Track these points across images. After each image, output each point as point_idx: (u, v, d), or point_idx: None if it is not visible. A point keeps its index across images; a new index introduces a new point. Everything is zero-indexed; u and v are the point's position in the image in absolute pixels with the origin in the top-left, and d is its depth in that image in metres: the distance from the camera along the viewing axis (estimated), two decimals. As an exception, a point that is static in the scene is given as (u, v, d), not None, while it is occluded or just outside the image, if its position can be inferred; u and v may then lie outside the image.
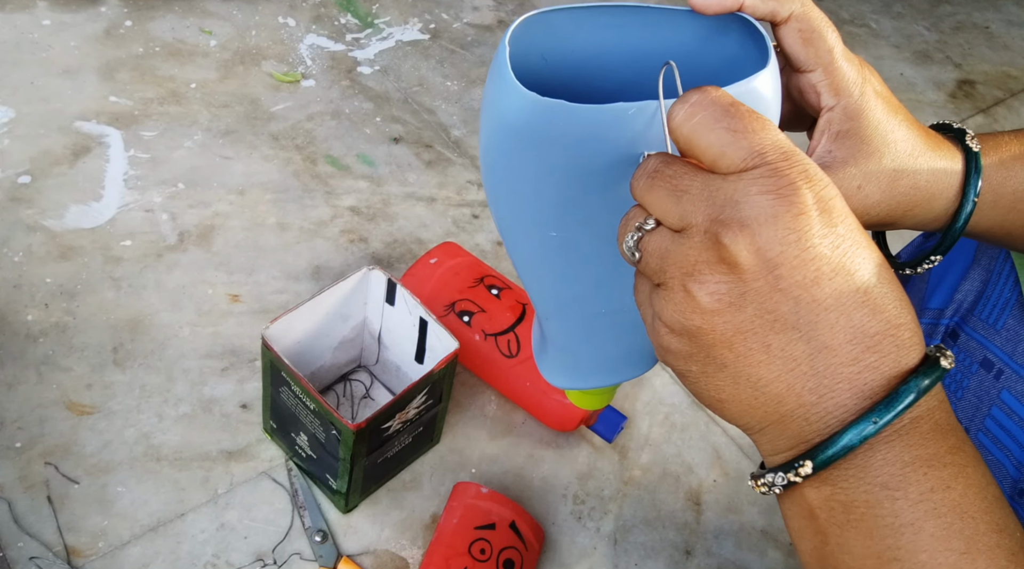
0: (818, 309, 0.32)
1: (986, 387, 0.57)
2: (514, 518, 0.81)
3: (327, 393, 0.92)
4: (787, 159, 0.32)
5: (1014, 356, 0.56)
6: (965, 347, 0.59)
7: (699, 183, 0.33)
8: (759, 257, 0.32)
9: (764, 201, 0.31)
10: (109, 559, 0.79)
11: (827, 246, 0.32)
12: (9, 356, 0.90)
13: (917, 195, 0.45)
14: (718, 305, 0.33)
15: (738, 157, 0.32)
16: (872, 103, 0.43)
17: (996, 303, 0.58)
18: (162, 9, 1.32)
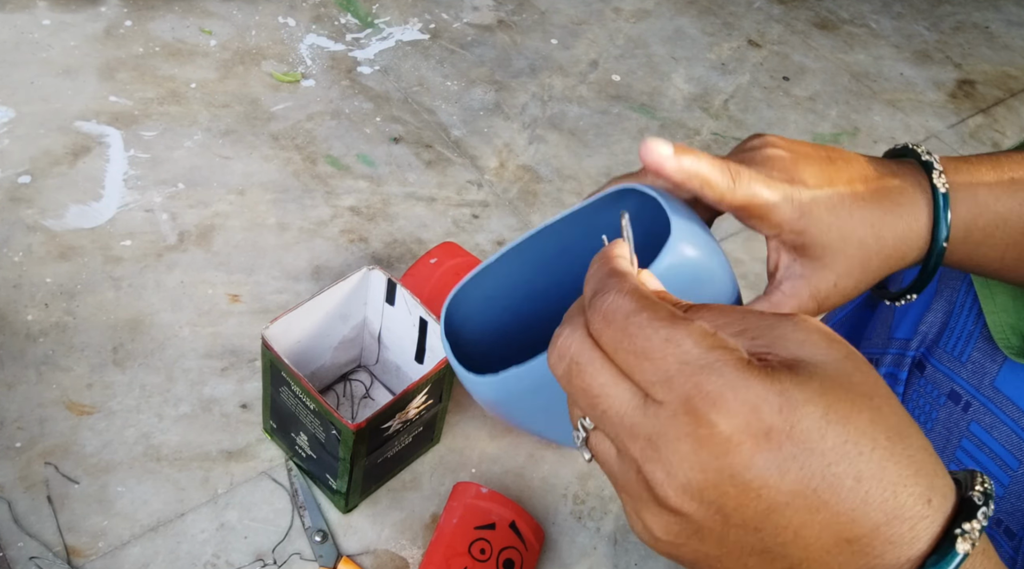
0: (784, 533, 0.29)
1: (955, 419, 0.57)
2: (514, 518, 0.81)
3: (327, 393, 0.92)
4: (698, 387, 0.28)
5: (980, 388, 0.56)
6: (932, 379, 0.59)
7: (615, 411, 0.30)
8: (699, 503, 0.29)
9: (683, 447, 0.28)
10: (109, 559, 0.79)
11: (773, 475, 0.28)
12: (9, 356, 0.90)
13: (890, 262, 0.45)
14: (677, 540, 0.31)
15: (647, 385, 0.29)
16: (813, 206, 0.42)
17: (960, 335, 0.58)
18: (162, 9, 1.32)
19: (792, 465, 0.28)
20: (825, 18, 1.62)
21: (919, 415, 0.60)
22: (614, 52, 1.45)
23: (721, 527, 0.29)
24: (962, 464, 0.57)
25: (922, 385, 0.60)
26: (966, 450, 0.56)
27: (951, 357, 0.58)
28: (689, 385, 0.28)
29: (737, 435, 0.28)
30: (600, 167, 1.25)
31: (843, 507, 0.28)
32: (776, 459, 0.28)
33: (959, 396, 0.57)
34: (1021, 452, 0.53)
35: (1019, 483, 0.53)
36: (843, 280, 0.44)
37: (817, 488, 0.28)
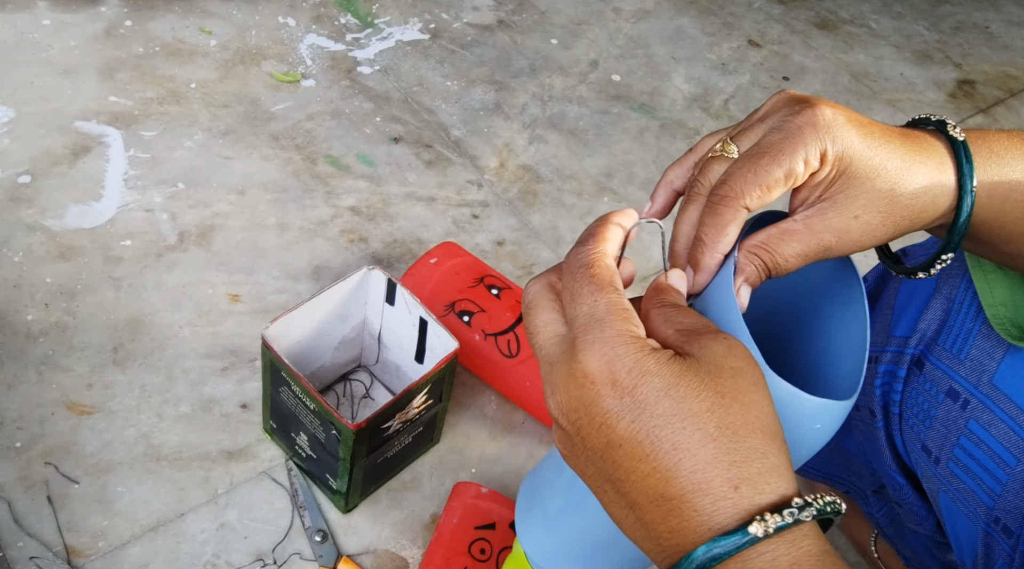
0: (619, 470, 0.36)
1: (953, 417, 0.57)
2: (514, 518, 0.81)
3: (327, 393, 0.92)
4: (585, 331, 0.37)
5: (979, 386, 0.56)
6: (931, 376, 0.59)
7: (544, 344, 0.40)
8: (567, 420, 0.38)
9: (562, 371, 0.37)
10: (109, 559, 0.79)
11: (611, 417, 0.36)
12: (9, 356, 0.90)
13: (918, 203, 0.44)
14: (565, 450, 0.40)
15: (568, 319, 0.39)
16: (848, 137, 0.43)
17: (959, 333, 0.58)
18: (162, 9, 1.32)
19: (626, 414, 0.36)
20: (825, 18, 1.62)
21: (918, 413, 0.60)
22: (614, 52, 1.45)
23: (583, 446, 0.38)
24: (961, 462, 0.57)
25: (921, 383, 0.60)
26: (964, 448, 0.56)
27: (950, 355, 0.58)
28: (582, 329, 0.37)
29: (591, 375, 0.36)
30: (600, 167, 1.25)
31: (659, 464, 0.35)
32: (615, 405, 0.36)
33: (957, 394, 0.57)
34: (1019, 450, 0.53)
35: (1017, 481, 0.53)
36: (865, 213, 0.43)
37: (642, 441, 0.35)
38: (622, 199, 1.21)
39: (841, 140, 0.42)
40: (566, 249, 1.13)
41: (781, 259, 0.44)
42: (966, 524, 0.57)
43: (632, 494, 0.36)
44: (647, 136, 1.32)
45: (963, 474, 0.57)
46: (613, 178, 1.24)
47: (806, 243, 0.44)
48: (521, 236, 1.13)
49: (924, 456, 0.60)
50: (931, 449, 0.59)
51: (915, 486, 0.66)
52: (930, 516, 0.67)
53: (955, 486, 0.57)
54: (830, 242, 0.44)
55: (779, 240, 0.44)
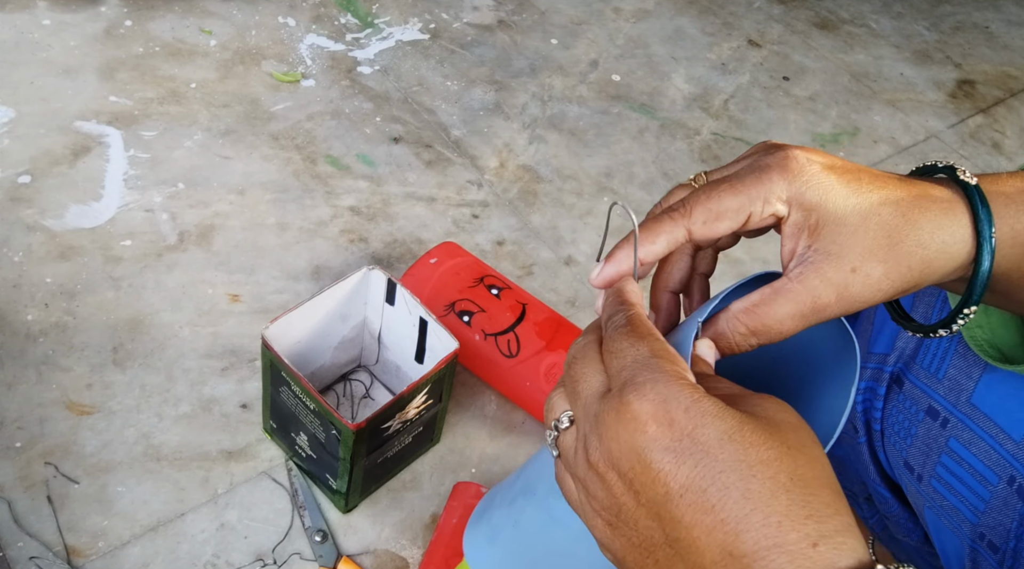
0: (679, 527, 0.33)
1: (933, 435, 0.57)
2: (514, 518, 0.81)
3: (327, 393, 0.92)
4: (633, 376, 0.35)
5: (957, 405, 0.56)
6: (911, 395, 0.59)
7: (587, 394, 0.37)
8: (617, 474, 0.34)
9: (609, 419, 0.34)
10: (109, 559, 0.79)
11: (668, 461, 0.33)
12: (9, 356, 0.90)
13: (925, 253, 0.40)
14: (609, 517, 0.35)
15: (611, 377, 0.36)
16: (824, 183, 0.40)
17: (936, 352, 0.58)
18: (162, 9, 1.32)
19: (688, 459, 0.32)
20: (825, 18, 1.62)
21: (899, 431, 0.60)
22: (614, 52, 1.45)
23: (635, 505, 0.34)
24: (943, 480, 0.57)
25: (901, 401, 0.60)
26: (946, 466, 0.56)
27: (928, 374, 0.58)
28: (630, 375, 0.35)
29: (645, 416, 0.33)
30: (600, 167, 1.25)
31: (728, 516, 0.31)
32: (674, 449, 0.33)
33: (937, 412, 0.57)
34: (1000, 467, 0.53)
35: (999, 498, 0.53)
36: (865, 265, 0.39)
37: (707, 489, 0.32)
38: (622, 199, 1.21)
39: (816, 186, 0.39)
40: (566, 249, 1.13)
41: (774, 322, 0.40)
42: (952, 539, 0.57)
43: (693, 554, 0.32)
44: (647, 136, 1.32)
45: (946, 491, 0.56)
46: (613, 178, 1.24)
47: (801, 303, 0.40)
48: (521, 236, 1.13)
49: (907, 473, 0.60)
50: (913, 466, 0.59)
51: (900, 499, 0.66)
52: (917, 528, 0.67)
53: (939, 503, 0.57)
54: (828, 300, 0.40)
55: (771, 301, 0.40)
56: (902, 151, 1.39)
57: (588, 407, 0.36)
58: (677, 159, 1.29)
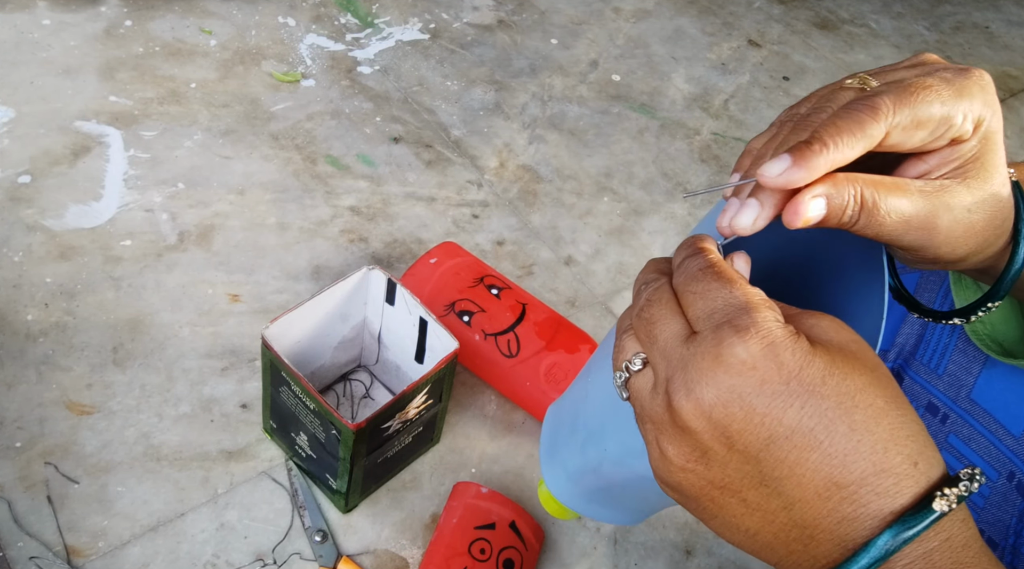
0: (781, 467, 0.32)
1: (933, 431, 0.57)
2: (514, 518, 0.81)
3: (327, 393, 0.92)
4: (730, 320, 0.33)
5: (957, 401, 0.56)
6: (910, 390, 0.59)
7: (666, 337, 0.35)
8: (708, 421, 0.33)
9: (705, 364, 0.33)
10: (109, 559, 0.79)
11: (776, 405, 0.32)
12: (9, 356, 0.90)
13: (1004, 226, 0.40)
14: (687, 463, 0.34)
15: (695, 319, 0.34)
16: (999, 122, 0.39)
17: (936, 348, 0.58)
18: (162, 9, 1.32)
19: (795, 401, 0.32)
20: (825, 18, 1.62)
21: None
22: (614, 52, 1.45)
23: (726, 451, 0.33)
24: None
25: None
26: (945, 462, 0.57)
27: (928, 369, 0.58)
28: (725, 317, 0.33)
29: (752, 360, 0.32)
30: (600, 167, 1.25)
31: (836, 450, 0.32)
32: (782, 392, 0.32)
33: (936, 408, 0.57)
34: (999, 463, 0.53)
35: (998, 494, 0.53)
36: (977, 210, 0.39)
37: (814, 428, 0.32)
38: (622, 199, 1.21)
39: (997, 119, 0.38)
40: (566, 249, 1.13)
41: (883, 206, 0.36)
42: None
43: (795, 491, 0.32)
44: (647, 136, 1.32)
45: None
46: (613, 178, 1.24)
47: (920, 206, 0.37)
48: (521, 236, 1.13)
49: None
50: None
51: None
52: None
53: None
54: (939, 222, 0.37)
55: (892, 187, 0.37)
56: (902, 151, 1.39)
57: (671, 351, 0.34)
58: (677, 159, 1.29)
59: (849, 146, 0.35)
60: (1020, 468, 0.52)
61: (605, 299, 1.08)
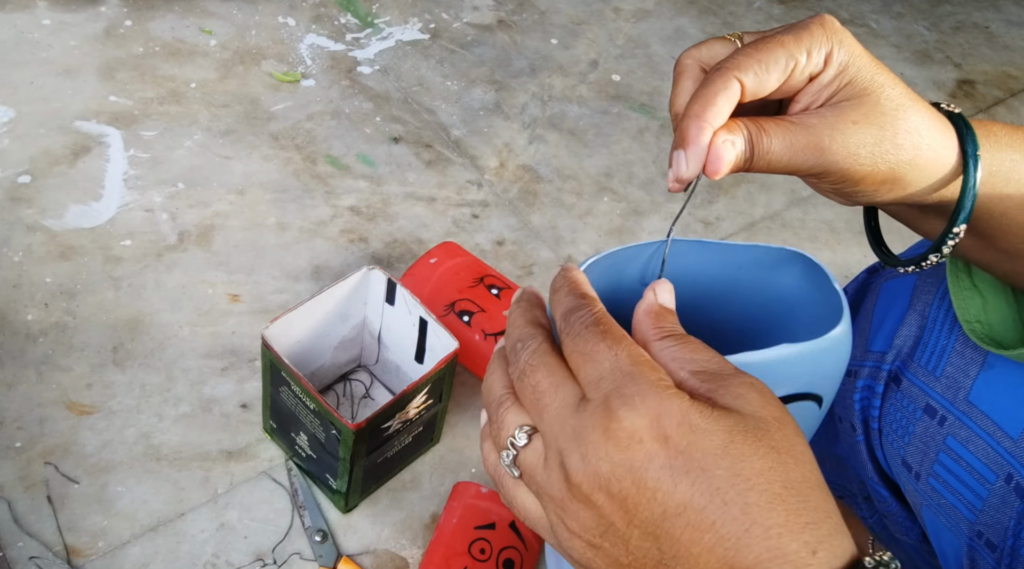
0: (676, 545, 0.31)
1: (931, 433, 0.57)
2: (514, 518, 0.81)
3: (327, 393, 0.92)
4: (617, 387, 0.32)
5: (955, 403, 0.56)
6: (908, 393, 0.59)
7: (556, 407, 0.34)
8: (606, 494, 0.32)
9: (596, 436, 0.32)
10: (109, 559, 0.79)
11: (665, 480, 0.31)
12: (9, 356, 0.90)
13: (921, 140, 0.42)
14: (593, 538, 0.33)
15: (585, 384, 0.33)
16: (855, 49, 0.42)
17: (934, 350, 0.58)
18: (162, 9, 1.32)
19: (685, 477, 0.31)
20: (825, 18, 1.62)
21: (897, 429, 0.60)
22: (614, 52, 1.45)
23: (625, 525, 0.32)
24: (941, 478, 0.57)
25: (899, 399, 0.60)
26: (944, 464, 0.56)
27: (925, 371, 0.58)
28: (612, 386, 0.32)
29: (639, 433, 0.31)
30: (600, 167, 1.25)
31: (729, 532, 0.31)
32: (670, 465, 0.31)
33: (935, 410, 0.57)
34: (998, 466, 0.53)
35: (997, 496, 0.53)
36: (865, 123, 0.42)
37: (706, 506, 0.31)
38: (622, 199, 1.21)
39: (848, 48, 0.42)
40: (566, 249, 1.13)
41: (767, 141, 0.41)
42: (950, 538, 0.57)
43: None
44: (647, 136, 1.32)
45: (944, 490, 0.56)
46: (613, 178, 1.24)
47: (797, 134, 0.41)
48: (521, 236, 1.13)
49: (905, 471, 0.60)
50: (911, 465, 0.59)
51: (898, 497, 0.66)
52: (915, 527, 0.67)
53: (936, 501, 0.57)
54: (822, 141, 0.41)
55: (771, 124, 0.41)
56: (902, 151, 1.39)
57: (562, 421, 0.33)
58: (677, 159, 1.29)
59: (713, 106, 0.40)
60: (1018, 470, 0.52)
61: (605, 299, 1.08)
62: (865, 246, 1.22)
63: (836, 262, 1.19)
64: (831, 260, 1.19)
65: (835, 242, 1.22)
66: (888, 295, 0.63)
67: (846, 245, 1.22)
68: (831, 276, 0.43)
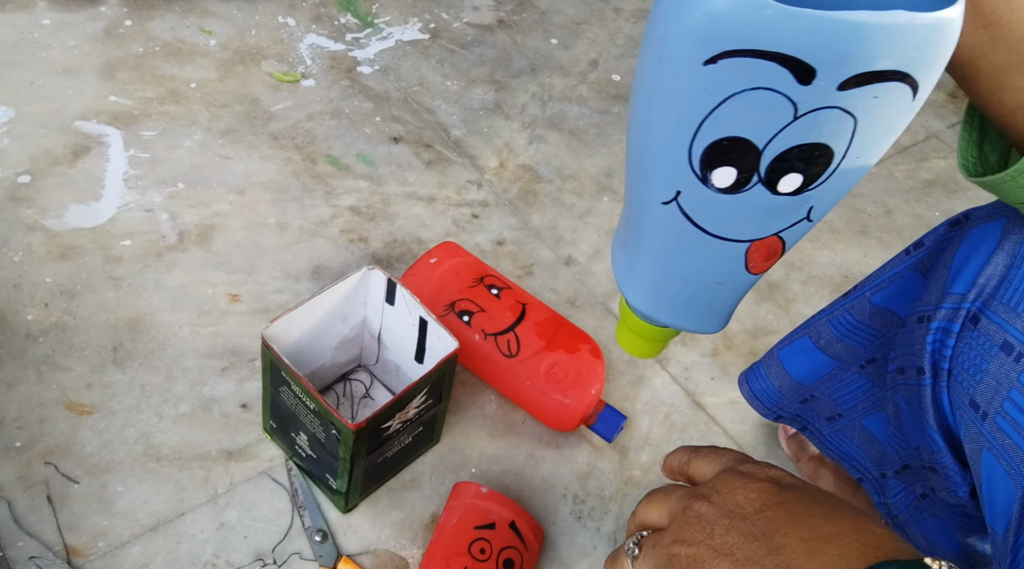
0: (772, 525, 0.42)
1: (1006, 370, 0.57)
2: (514, 518, 0.81)
3: (327, 393, 0.92)
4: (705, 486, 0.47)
5: None
6: (986, 331, 0.59)
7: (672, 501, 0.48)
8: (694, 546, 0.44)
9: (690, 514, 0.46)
10: (109, 559, 0.79)
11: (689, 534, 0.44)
12: (9, 356, 0.90)
13: None
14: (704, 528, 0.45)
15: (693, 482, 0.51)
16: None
17: (1019, 287, 0.58)
18: (162, 9, 1.32)
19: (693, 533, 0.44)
20: (825, 18, 1.62)
21: (969, 368, 0.60)
22: (614, 52, 1.45)
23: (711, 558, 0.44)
24: (1009, 416, 0.56)
25: (975, 337, 0.59)
26: (1014, 402, 0.56)
27: (1007, 309, 0.58)
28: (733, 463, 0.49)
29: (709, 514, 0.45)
30: (600, 167, 1.25)
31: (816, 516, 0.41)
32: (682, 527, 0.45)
33: (1012, 347, 0.57)
34: None
35: None
36: None
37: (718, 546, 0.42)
38: (622, 199, 1.21)
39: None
40: (566, 249, 1.13)
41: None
42: (1006, 484, 0.57)
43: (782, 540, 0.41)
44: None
45: (1010, 428, 0.56)
46: (613, 178, 1.24)
47: None
48: (521, 236, 1.13)
49: (971, 412, 0.59)
50: (979, 404, 0.58)
51: (952, 450, 0.65)
52: (965, 482, 0.66)
53: (1000, 442, 0.57)
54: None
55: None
56: (902, 151, 1.39)
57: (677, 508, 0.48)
58: (677, 159, 1.29)
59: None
60: None
61: (605, 299, 1.08)
62: (865, 246, 1.22)
63: (836, 262, 1.19)
64: (831, 260, 1.19)
65: (835, 242, 1.22)
66: (973, 240, 0.62)
67: (846, 245, 1.22)
68: None
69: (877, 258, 1.20)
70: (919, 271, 0.67)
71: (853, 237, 1.23)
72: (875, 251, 1.22)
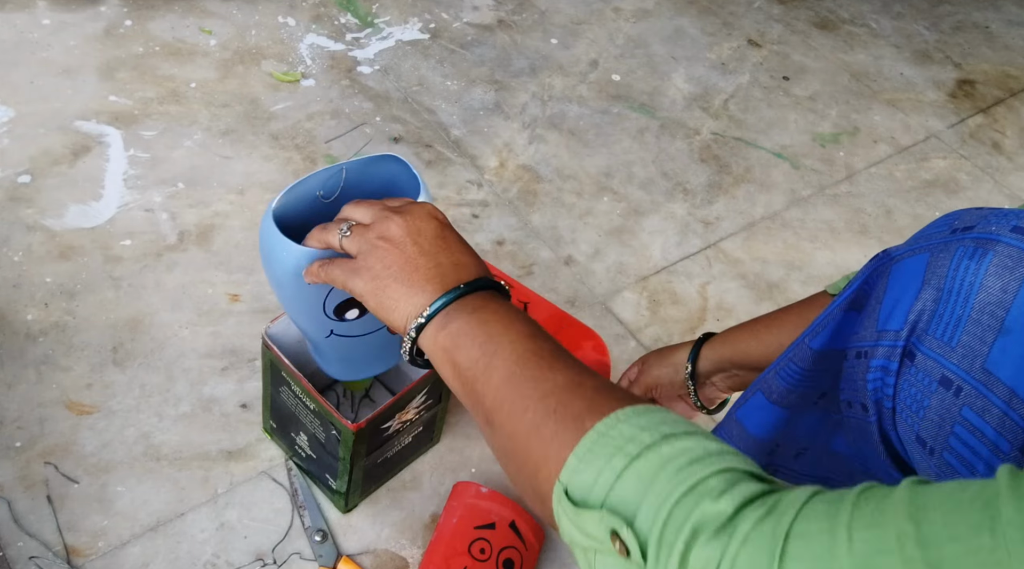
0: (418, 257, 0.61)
1: (947, 405, 0.57)
2: (514, 518, 0.81)
3: (327, 393, 0.92)
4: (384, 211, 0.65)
5: (971, 372, 0.56)
6: (923, 367, 0.59)
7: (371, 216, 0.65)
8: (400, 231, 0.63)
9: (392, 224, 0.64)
10: (109, 558, 0.79)
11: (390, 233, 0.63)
12: (9, 356, 0.90)
13: None
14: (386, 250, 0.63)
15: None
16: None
17: (948, 321, 0.58)
18: (162, 9, 1.32)
19: (391, 232, 0.63)
20: (825, 18, 1.63)
21: (911, 405, 0.60)
22: (614, 52, 1.45)
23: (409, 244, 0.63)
24: (955, 451, 0.57)
25: (913, 374, 0.60)
26: (959, 436, 0.56)
27: (941, 343, 0.58)
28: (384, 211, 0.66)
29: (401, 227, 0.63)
30: (600, 166, 1.25)
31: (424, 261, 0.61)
32: (386, 227, 0.63)
33: (950, 382, 0.57)
34: (1013, 435, 0.53)
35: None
36: None
37: (407, 245, 0.63)
38: (622, 198, 1.21)
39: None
40: (566, 249, 1.13)
41: None
42: None
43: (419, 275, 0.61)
44: (647, 136, 1.32)
45: (958, 463, 0.57)
46: (613, 178, 1.24)
47: None
48: (521, 236, 1.13)
49: (919, 447, 0.60)
50: (926, 440, 0.59)
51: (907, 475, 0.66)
52: None
53: (951, 476, 0.57)
54: None
55: None
56: (902, 151, 1.39)
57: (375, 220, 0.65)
58: (677, 159, 1.29)
59: None
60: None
61: (605, 299, 1.08)
62: (865, 246, 1.22)
63: (836, 262, 1.19)
64: (831, 260, 1.19)
65: (835, 242, 1.22)
66: (900, 275, 0.63)
67: (846, 245, 1.22)
68: (410, 165, 0.75)
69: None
70: (853, 309, 0.68)
71: (853, 237, 1.23)
72: (875, 251, 1.22)
